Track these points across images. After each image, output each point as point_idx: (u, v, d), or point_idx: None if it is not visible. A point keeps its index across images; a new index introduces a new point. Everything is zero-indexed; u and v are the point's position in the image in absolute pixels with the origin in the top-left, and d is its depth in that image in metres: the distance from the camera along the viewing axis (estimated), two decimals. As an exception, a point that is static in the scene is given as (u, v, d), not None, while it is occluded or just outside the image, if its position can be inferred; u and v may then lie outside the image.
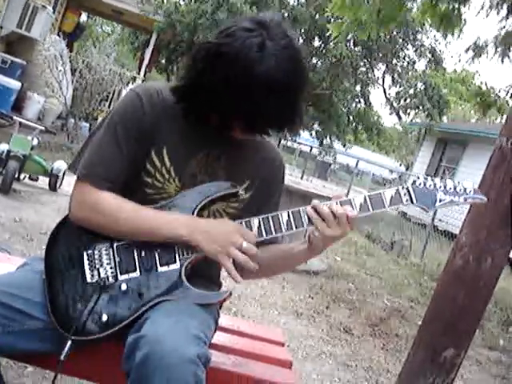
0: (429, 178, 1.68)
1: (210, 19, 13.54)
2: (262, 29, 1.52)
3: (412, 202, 1.65)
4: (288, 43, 1.54)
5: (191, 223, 1.63)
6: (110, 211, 1.65)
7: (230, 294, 1.68)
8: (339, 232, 1.61)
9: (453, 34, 5.06)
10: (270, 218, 1.65)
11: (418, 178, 1.68)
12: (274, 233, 1.64)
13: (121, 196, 1.68)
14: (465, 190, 1.66)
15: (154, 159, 1.69)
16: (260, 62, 1.48)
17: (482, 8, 5.76)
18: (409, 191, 1.66)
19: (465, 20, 5.22)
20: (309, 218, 1.62)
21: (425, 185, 1.66)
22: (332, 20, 6.42)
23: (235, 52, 1.49)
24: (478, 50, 8.53)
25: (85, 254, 1.67)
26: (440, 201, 1.65)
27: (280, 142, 19.61)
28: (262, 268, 1.70)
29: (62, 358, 1.56)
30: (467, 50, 8.81)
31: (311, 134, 20.45)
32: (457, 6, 4.91)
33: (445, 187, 1.66)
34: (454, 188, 1.66)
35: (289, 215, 1.64)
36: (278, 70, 1.49)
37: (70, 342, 1.57)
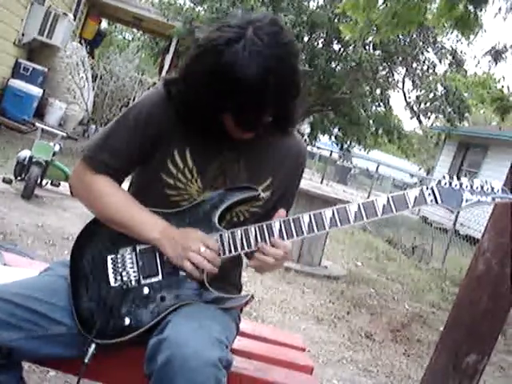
0: (455, 177, 1.63)
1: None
2: (246, 27, 1.51)
3: (437, 202, 1.61)
4: (273, 42, 1.51)
5: (164, 230, 1.66)
6: (100, 194, 1.71)
7: (252, 297, 1.68)
8: (278, 268, 1.72)
9: (469, 37, 5.03)
10: (291, 221, 1.65)
11: (444, 177, 1.63)
12: (295, 235, 1.64)
13: (138, 190, 1.76)
14: (492, 189, 1.61)
15: (177, 159, 1.70)
16: (225, 54, 1.47)
17: (500, 11, 5.70)
18: (433, 191, 1.62)
19: (481, 21, 5.16)
20: (331, 220, 1.62)
21: (450, 184, 1.62)
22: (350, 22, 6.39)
23: (207, 45, 1.52)
24: (496, 54, 8.44)
25: (109, 258, 1.69)
26: (466, 201, 1.61)
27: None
28: None
29: (86, 360, 1.57)
30: (485, 54, 8.71)
31: (331, 138, 20.37)
32: (473, 9, 4.87)
33: (471, 187, 1.62)
34: (481, 187, 1.61)
35: (310, 218, 1.64)
36: (246, 64, 1.46)
37: (93, 346, 1.58)
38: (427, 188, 1.63)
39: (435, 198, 1.62)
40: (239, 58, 1.47)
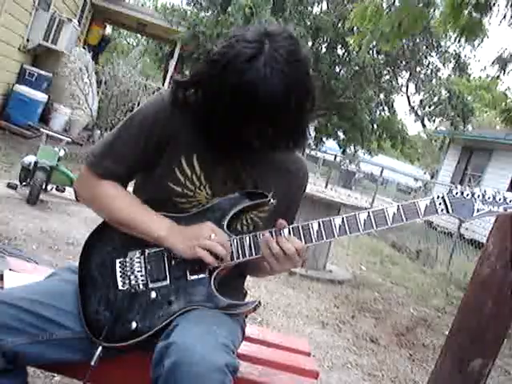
0: (467, 187, 1.61)
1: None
2: (263, 41, 1.50)
3: (448, 212, 1.60)
4: (291, 57, 1.51)
5: (171, 227, 1.66)
6: (106, 197, 1.72)
7: (259, 303, 1.68)
8: (288, 267, 1.65)
9: (474, 44, 5.04)
10: (300, 228, 1.64)
11: (456, 187, 1.61)
12: (304, 242, 1.63)
13: (145, 199, 1.73)
14: (505, 199, 1.59)
15: (184, 167, 1.70)
16: (247, 72, 1.47)
17: (504, 17, 5.68)
18: (444, 201, 1.61)
19: (487, 30, 5.16)
20: (340, 228, 1.62)
21: (462, 194, 1.61)
22: (355, 29, 6.39)
23: (226, 62, 1.49)
24: (503, 62, 8.41)
25: (117, 261, 1.69)
26: (478, 211, 1.60)
27: (304, 150, 19.56)
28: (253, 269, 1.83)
29: (92, 363, 1.58)
30: (493, 63, 8.67)
31: (338, 142, 20.38)
32: (478, 16, 4.87)
33: (483, 196, 1.60)
34: (493, 197, 1.60)
35: (319, 225, 1.63)
36: (269, 81, 1.47)
37: (100, 348, 1.59)
38: (438, 197, 1.61)
39: (446, 207, 1.60)
40: (261, 75, 1.47)
